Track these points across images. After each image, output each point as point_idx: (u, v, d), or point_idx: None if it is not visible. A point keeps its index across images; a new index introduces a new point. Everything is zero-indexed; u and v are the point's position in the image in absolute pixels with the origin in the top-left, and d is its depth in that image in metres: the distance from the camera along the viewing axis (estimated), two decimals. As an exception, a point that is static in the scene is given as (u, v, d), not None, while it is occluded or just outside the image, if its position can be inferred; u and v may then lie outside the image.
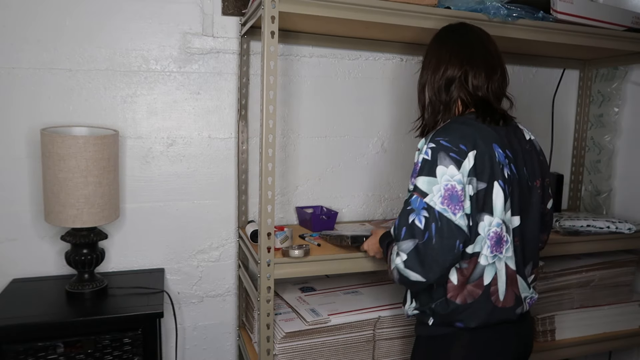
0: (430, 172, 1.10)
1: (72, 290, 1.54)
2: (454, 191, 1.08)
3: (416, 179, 1.12)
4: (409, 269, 1.09)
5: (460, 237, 1.08)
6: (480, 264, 1.13)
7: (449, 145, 1.10)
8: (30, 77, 1.61)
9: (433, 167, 1.10)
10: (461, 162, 1.09)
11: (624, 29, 1.73)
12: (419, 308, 1.23)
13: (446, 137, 1.12)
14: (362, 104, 1.97)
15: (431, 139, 1.13)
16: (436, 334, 1.21)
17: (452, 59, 1.21)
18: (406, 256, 1.09)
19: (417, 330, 1.28)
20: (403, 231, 1.10)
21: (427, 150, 1.12)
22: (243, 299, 1.88)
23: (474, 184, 1.10)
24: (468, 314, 1.15)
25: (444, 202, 1.07)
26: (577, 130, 2.27)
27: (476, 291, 1.14)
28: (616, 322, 1.91)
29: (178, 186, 1.80)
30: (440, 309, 1.17)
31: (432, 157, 1.11)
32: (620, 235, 1.81)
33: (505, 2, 1.56)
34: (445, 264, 1.09)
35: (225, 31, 1.78)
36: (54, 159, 1.42)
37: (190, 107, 1.78)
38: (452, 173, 1.08)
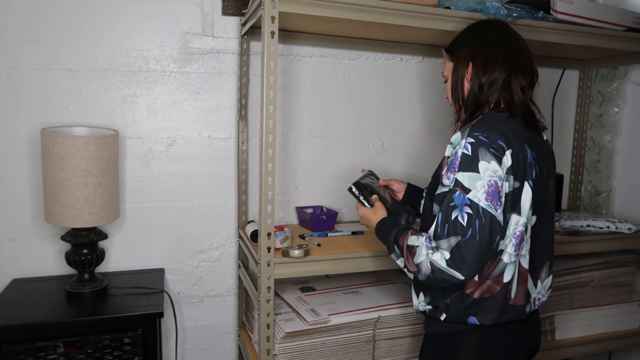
0: (472, 167, 1.07)
1: (72, 290, 1.54)
2: (496, 187, 1.07)
3: (456, 174, 1.09)
4: (452, 267, 1.06)
5: (501, 233, 1.08)
6: (503, 261, 1.13)
7: (488, 141, 1.09)
8: (30, 77, 1.61)
9: (475, 162, 1.08)
10: (501, 159, 1.08)
11: (624, 29, 1.73)
12: (431, 303, 1.22)
13: (484, 133, 1.10)
14: (362, 104, 1.97)
15: (469, 134, 1.11)
16: (447, 332, 1.20)
17: (502, 61, 1.19)
18: (449, 254, 1.06)
19: (427, 327, 1.27)
20: (446, 229, 1.07)
21: (467, 145, 1.09)
22: (243, 299, 1.89)
23: (510, 182, 1.10)
24: (483, 309, 1.15)
25: (488, 198, 1.06)
26: (577, 130, 2.27)
27: (495, 287, 1.14)
28: (616, 322, 1.91)
29: (178, 186, 1.80)
30: (455, 303, 1.16)
31: (473, 152, 1.08)
32: (620, 235, 1.81)
33: (505, 2, 1.56)
34: (485, 260, 1.09)
35: (225, 31, 1.78)
36: (54, 159, 1.42)
37: (190, 107, 1.78)
38: (494, 169, 1.07)
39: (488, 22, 1.33)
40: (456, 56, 1.26)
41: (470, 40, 1.26)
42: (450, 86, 1.28)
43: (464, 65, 1.23)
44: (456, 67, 1.25)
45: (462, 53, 1.25)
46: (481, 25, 1.30)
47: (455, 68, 1.26)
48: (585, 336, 1.86)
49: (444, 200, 1.10)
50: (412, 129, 2.05)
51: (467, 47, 1.25)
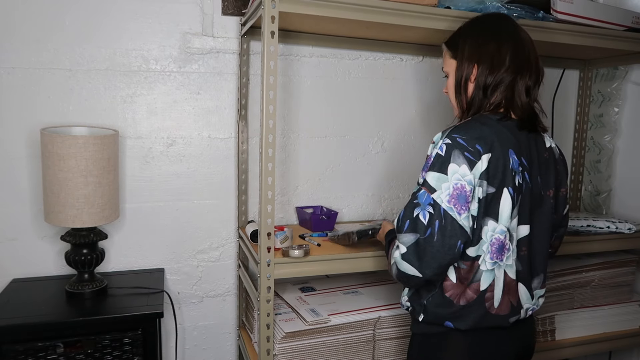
0: (442, 168, 1.07)
1: (72, 290, 1.54)
2: (462, 191, 1.05)
3: (426, 174, 1.09)
4: (406, 261, 1.08)
5: (462, 238, 1.06)
6: (479, 268, 1.11)
7: (465, 144, 1.07)
8: (30, 77, 1.61)
9: (445, 164, 1.07)
10: (475, 163, 1.06)
11: (624, 29, 1.73)
12: (410, 301, 1.23)
13: (463, 135, 1.08)
14: (361, 104, 1.97)
15: (448, 135, 1.10)
16: (430, 332, 1.19)
17: (509, 62, 1.15)
18: (405, 249, 1.08)
19: (412, 327, 1.27)
20: (406, 224, 1.09)
21: (442, 146, 1.09)
22: (243, 299, 1.88)
23: (484, 187, 1.07)
24: (458, 316, 1.14)
25: (451, 200, 1.05)
26: (577, 130, 2.27)
27: (471, 295, 1.13)
28: (616, 322, 1.91)
29: (178, 186, 1.80)
30: (432, 305, 1.16)
31: (446, 153, 1.08)
32: (620, 235, 1.81)
33: (505, 2, 1.56)
34: (443, 262, 1.08)
35: (225, 31, 1.78)
36: (54, 159, 1.42)
37: (190, 107, 1.78)
38: (463, 172, 1.06)
39: (492, 16, 1.26)
40: (460, 54, 1.21)
41: (475, 37, 1.20)
42: (452, 85, 1.23)
43: (469, 65, 1.18)
44: (460, 66, 1.20)
45: (466, 51, 1.19)
46: (486, 20, 1.24)
47: (459, 67, 1.20)
48: (585, 336, 1.86)
49: (411, 197, 1.12)
50: (412, 129, 2.05)
51: (471, 46, 1.19)
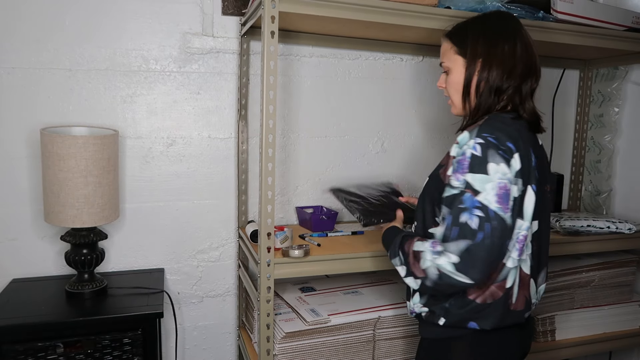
0: (482, 169, 1.04)
1: (71, 290, 1.54)
2: (505, 190, 1.04)
3: (465, 175, 1.05)
4: (460, 272, 1.02)
5: (509, 238, 1.06)
6: (506, 266, 1.11)
7: (497, 143, 1.06)
8: (30, 77, 1.61)
9: (484, 163, 1.04)
10: (509, 161, 1.05)
11: (624, 29, 1.73)
12: (428, 305, 1.19)
13: (492, 134, 1.07)
14: (362, 104, 1.97)
15: (477, 134, 1.07)
16: (445, 336, 1.17)
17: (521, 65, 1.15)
18: (458, 258, 1.02)
19: (423, 331, 1.24)
20: (455, 231, 1.04)
21: (475, 146, 1.06)
22: (243, 299, 1.88)
23: (519, 185, 1.07)
24: (484, 315, 1.12)
25: (498, 200, 1.03)
26: (577, 130, 2.27)
27: (498, 292, 1.12)
28: (616, 322, 1.91)
29: (178, 186, 1.80)
30: (455, 308, 1.13)
31: (482, 153, 1.05)
32: (620, 235, 1.81)
33: (505, 2, 1.56)
34: (493, 265, 1.06)
35: (225, 31, 1.78)
36: (54, 159, 1.42)
37: (190, 107, 1.78)
38: (504, 171, 1.04)
39: (501, 15, 1.23)
40: (471, 53, 1.17)
41: (489, 37, 1.17)
42: (457, 83, 1.20)
43: (483, 66, 1.16)
44: (471, 65, 1.17)
45: (479, 51, 1.16)
46: (496, 20, 1.21)
47: (470, 66, 1.17)
48: (585, 336, 1.86)
49: (454, 202, 1.06)
50: (412, 129, 2.05)
51: (485, 46, 1.16)
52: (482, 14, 1.26)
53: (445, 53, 1.24)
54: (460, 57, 1.20)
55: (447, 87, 1.24)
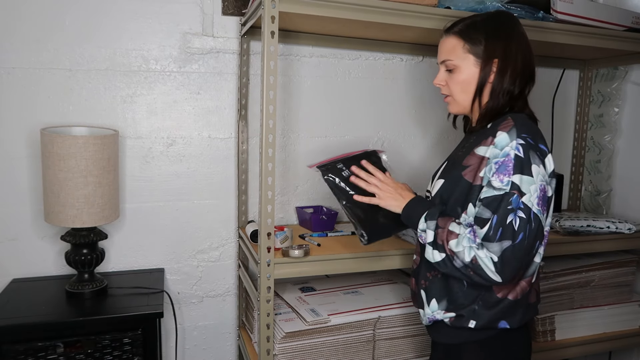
0: (526, 170, 1.04)
1: (72, 290, 1.54)
2: (544, 192, 1.06)
3: (512, 177, 1.04)
4: (496, 271, 1.03)
5: (542, 239, 1.09)
6: (535, 262, 1.14)
7: (534, 144, 1.07)
8: (30, 77, 1.61)
9: (528, 165, 1.05)
10: (544, 162, 1.08)
11: (624, 29, 1.73)
12: (453, 310, 1.16)
13: (529, 135, 1.07)
14: (361, 104, 1.97)
15: (517, 135, 1.07)
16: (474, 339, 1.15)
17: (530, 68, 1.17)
18: (498, 258, 1.03)
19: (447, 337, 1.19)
20: (500, 232, 1.04)
21: (518, 147, 1.05)
22: (243, 299, 1.88)
23: (552, 185, 1.10)
24: (514, 312, 1.13)
25: (539, 203, 1.04)
26: (577, 130, 2.27)
27: (526, 288, 1.14)
28: (616, 322, 1.91)
29: (178, 186, 1.80)
30: (484, 308, 1.13)
31: (525, 154, 1.05)
32: (620, 235, 1.81)
33: (505, 2, 1.56)
34: (524, 265, 1.09)
35: (225, 31, 1.78)
36: (54, 159, 1.42)
37: (190, 107, 1.78)
38: (543, 172, 1.06)
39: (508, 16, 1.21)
40: (485, 52, 1.15)
41: (503, 38, 1.16)
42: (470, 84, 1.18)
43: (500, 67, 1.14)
44: (487, 65, 1.15)
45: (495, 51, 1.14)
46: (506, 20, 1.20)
47: (485, 66, 1.15)
48: (585, 336, 1.86)
49: (500, 203, 1.05)
50: (412, 129, 2.05)
51: (501, 46, 1.15)
52: (488, 13, 1.23)
53: (453, 50, 1.19)
54: (472, 56, 1.17)
55: (451, 85, 1.21)
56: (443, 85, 1.23)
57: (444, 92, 1.25)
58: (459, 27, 1.20)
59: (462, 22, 1.21)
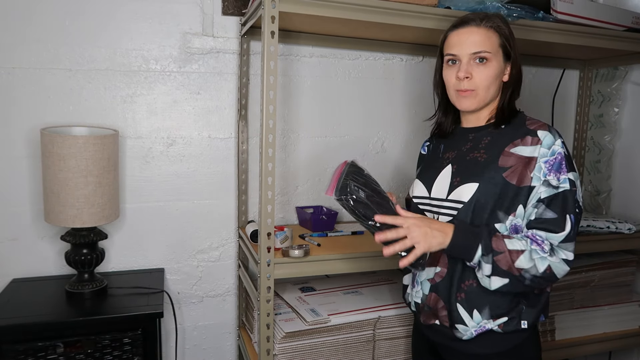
0: (573, 167, 1.11)
1: (72, 290, 1.54)
2: None
3: (568, 174, 1.08)
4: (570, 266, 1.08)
5: None
6: None
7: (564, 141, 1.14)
8: (30, 77, 1.61)
9: (572, 162, 1.11)
10: None
11: (624, 29, 1.73)
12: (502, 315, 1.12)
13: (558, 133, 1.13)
14: (362, 104, 1.97)
15: (557, 134, 1.12)
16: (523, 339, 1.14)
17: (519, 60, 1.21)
18: (572, 255, 1.08)
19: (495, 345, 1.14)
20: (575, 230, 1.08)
21: (563, 145, 1.11)
22: (243, 299, 1.89)
23: None
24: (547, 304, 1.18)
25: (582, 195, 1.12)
26: (577, 130, 2.27)
27: None
28: (616, 322, 1.91)
29: (178, 186, 1.80)
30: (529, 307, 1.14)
31: (567, 151, 1.11)
32: (620, 235, 1.81)
33: (505, 2, 1.56)
34: None
35: (225, 31, 1.78)
36: (54, 159, 1.42)
37: (190, 107, 1.78)
38: None
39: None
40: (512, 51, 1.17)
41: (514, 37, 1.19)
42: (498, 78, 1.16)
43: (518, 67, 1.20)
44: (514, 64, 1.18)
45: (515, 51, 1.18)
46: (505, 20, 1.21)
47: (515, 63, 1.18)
48: (585, 336, 1.86)
49: (567, 201, 1.07)
50: (413, 129, 2.05)
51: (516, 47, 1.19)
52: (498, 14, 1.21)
53: (489, 42, 1.13)
54: (502, 51, 1.15)
55: (479, 78, 1.14)
56: (470, 78, 1.14)
57: (466, 86, 1.14)
58: (490, 20, 1.15)
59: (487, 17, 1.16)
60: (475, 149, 1.18)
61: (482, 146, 1.17)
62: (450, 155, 1.23)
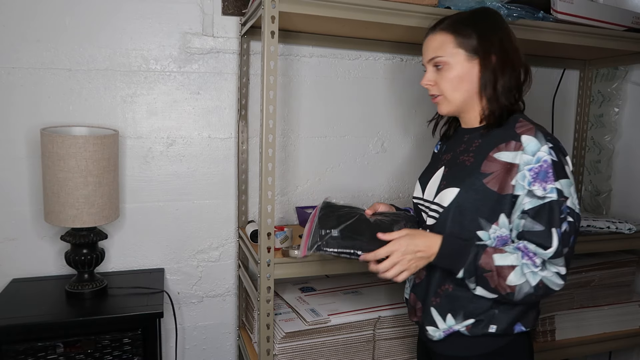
0: (564, 174, 1.03)
1: (72, 290, 1.54)
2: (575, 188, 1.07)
3: (554, 184, 1.01)
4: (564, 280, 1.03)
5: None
6: None
7: (559, 145, 1.06)
8: (30, 77, 1.61)
9: (563, 168, 1.03)
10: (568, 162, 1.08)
11: (624, 29, 1.73)
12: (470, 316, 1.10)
13: (551, 137, 1.06)
14: (362, 104, 1.97)
15: (546, 139, 1.04)
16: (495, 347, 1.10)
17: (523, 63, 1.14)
18: (565, 269, 1.02)
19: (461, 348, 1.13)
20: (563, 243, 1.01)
21: (551, 151, 1.03)
22: (243, 299, 1.88)
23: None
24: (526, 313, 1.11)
25: (577, 201, 1.04)
26: (577, 130, 2.27)
27: None
28: (616, 322, 1.91)
29: (178, 186, 1.80)
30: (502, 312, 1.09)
31: (558, 157, 1.03)
32: (620, 235, 1.81)
33: (505, 2, 1.56)
34: None
35: (225, 31, 1.78)
36: (54, 159, 1.42)
37: (190, 107, 1.78)
38: (571, 172, 1.06)
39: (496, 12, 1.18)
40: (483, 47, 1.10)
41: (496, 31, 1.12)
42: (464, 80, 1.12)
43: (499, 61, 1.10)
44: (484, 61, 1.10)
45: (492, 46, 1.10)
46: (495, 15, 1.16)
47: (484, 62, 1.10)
48: (585, 336, 1.86)
49: (553, 213, 1.01)
50: (412, 129, 2.05)
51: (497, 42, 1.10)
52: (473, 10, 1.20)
53: (442, 46, 1.12)
54: (462, 51, 1.11)
55: (442, 83, 1.13)
56: (432, 85, 1.16)
57: (433, 92, 1.17)
58: (446, 23, 1.15)
59: (447, 18, 1.16)
60: (466, 152, 1.15)
61: (472, 149, 1.13)
62: (446, 157, 1.21)
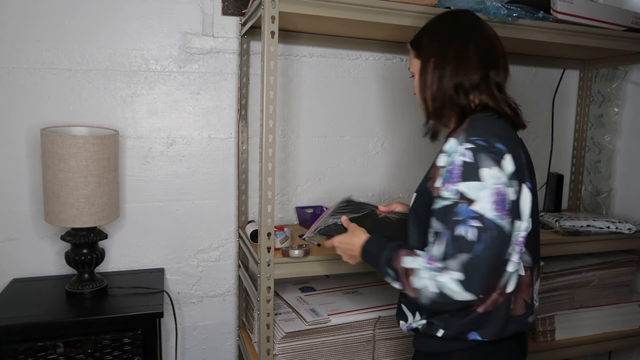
0: (474, 176, 0.98)
1: (72, 290, 1.54)
2: (501, 195, 0.98)
3: (457, 185, 0.99)
4: (466, 289, 0.95)
5: (509, 244, 1.01)
6: (507, 271, 1.04)
7: (486, 145, 1.00)
8: (30, 77, 1.61)
9: (476, 170, 0.98)
10: (500, 163, 1.00)
11: (624, 29, 1.73)
12: (426, 318, 1.11)
13: (481, 137, 1.01)
14: (362, 104, 1.97)
15: (465, 139, 1.01)
16: (443, 350, 1.10)
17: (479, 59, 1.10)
18: (463, 275, 0.95)
19: (418, 344, 1.16)
20: (454, 247, 0.97)
21: (464, 152, 1.00)
22: (243, 299, 1.89)
23: (514, 187, 1.01)
24: (486, 324, 1.06)
25: (496, 208, 0.96)
26: (577, 130, 2.27)
27: (499, 299, 1.05)
28: (616, 322, 1.91)
29: (178, 186, 1.80)
30: (455, 318, 1.06)
31: (473, 158, 0.99)
32: (620, 235, 1.81)
33: (505, 2, 1.56)
34: (496, 275, 1.01)
35: (225, 31, 1.78)
36: (54, 159, 1.42)
37: (190, 107, 1.78)
38: (497, 175, 0.98)
39: (456, 13, 1.21)
40: (424, 52, 1.15)
41: (440, 35, 1.14)
42: (418, 85, 1.17)
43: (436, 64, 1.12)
44: (425, 64, 1.15)
45: (430, 49, 1.14)
46: (448, 17, 1.19)
47: (424, 66, 1.15)
48: (585, 336, 1.86)
49: (447, 214, 0.99)
50: (413, 129, 2.05)
51: (436, 42, 1.14)
52: (438, 15, 1.22)
53: (410, 59, 1.22)
54: (417, 60, 1.17)
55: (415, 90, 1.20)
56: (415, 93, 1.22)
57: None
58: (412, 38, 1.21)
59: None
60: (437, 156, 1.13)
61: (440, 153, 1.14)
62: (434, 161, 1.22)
